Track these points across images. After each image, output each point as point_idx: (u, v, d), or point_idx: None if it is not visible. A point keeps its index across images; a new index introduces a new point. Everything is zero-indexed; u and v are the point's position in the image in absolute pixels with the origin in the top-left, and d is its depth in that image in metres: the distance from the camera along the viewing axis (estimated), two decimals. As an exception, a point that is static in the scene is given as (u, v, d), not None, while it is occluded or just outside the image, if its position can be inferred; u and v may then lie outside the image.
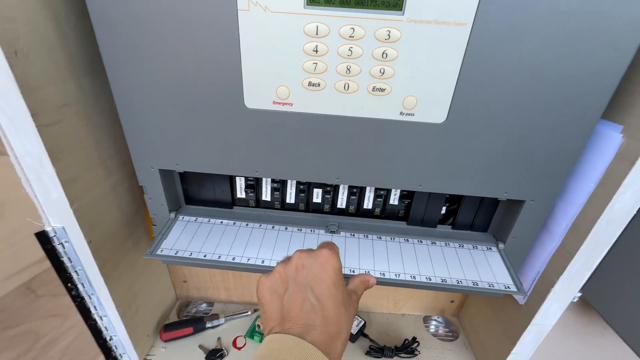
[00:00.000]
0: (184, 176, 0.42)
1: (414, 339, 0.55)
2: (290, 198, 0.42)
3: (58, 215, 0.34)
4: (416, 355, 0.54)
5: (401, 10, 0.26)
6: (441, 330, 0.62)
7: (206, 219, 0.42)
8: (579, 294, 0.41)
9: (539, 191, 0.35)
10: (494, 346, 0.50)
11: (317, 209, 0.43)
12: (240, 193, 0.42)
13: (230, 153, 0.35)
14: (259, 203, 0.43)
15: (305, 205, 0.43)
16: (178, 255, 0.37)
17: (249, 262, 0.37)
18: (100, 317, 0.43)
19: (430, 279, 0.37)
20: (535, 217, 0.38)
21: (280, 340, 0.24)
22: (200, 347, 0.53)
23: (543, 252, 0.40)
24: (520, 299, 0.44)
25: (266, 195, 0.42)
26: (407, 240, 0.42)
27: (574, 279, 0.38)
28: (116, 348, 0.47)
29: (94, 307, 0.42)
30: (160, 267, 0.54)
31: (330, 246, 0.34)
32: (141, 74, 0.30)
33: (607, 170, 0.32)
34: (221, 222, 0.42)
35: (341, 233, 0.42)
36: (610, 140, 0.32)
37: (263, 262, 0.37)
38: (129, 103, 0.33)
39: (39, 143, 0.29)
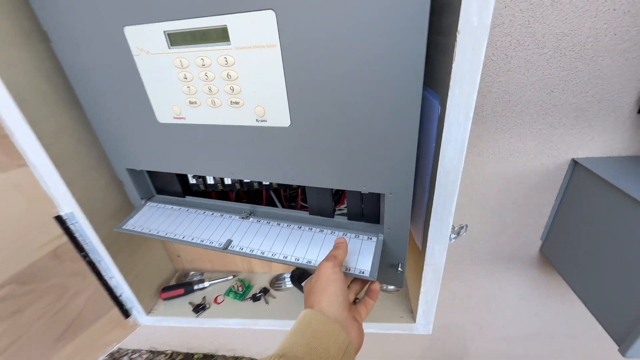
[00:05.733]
0: (151, 173, 0.57)
1: (355, 290, 0.65)
2: (225, 187, 0.54)
3: (67, 205, 0.51)
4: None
5: (229, 41, 0.33)
6: (392, 287, 0.71)
7: (169, 205, 0.56)
8: (454, 236, 0.49)
9: (394, 184, 0.38)
10: (415, 290, 0.59)
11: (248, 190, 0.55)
12: (192, 180, 0.56)
13: (159, 155, 0.48)
14: (207, 187, 0.57)
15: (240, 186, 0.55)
16: (136, 230, 0.51)
17: (193, 240, 0.48)
18: (110, 278, 0.60)
19: (298, 260, 0.43)
20: (400, 210, 0.40)
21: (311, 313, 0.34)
22: (190, 303, 0.69)
23: (422, 204, 0.49)
24: (420, 245, 0.53)
25: (210, 180, 0.56)
26: (300, 228, 0.48)
27: (441, 223, 0.46)
28: (126, 302, 0.65)
29: (103, 270, 0.59)
30: (154, 244, 0.71)
31: (335, 264, 0.38)
32: (103, 109, 0.46)
33: (437, 132, 0.41)
34: (172, 207, 0.55)
35: (259, 220, 0.50)
36: (435, 109, 0.41)
37: (200, 240, 0.48)
38: (102, 128, 0.48)
39: (46, 156, 0.46)
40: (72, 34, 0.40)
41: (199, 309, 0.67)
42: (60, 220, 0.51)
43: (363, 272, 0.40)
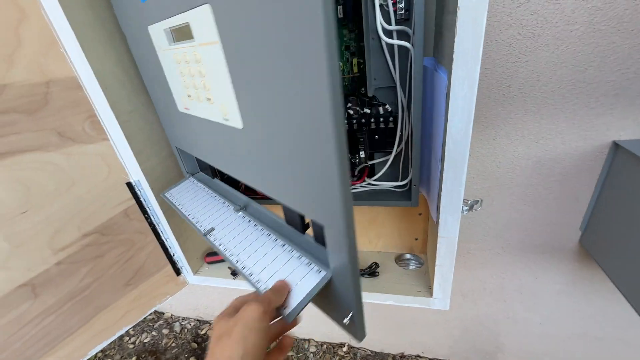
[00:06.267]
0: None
1: (376, 263, 0.69)
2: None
3: (135, 173, 0.63)
4: (376, 275, 0.69)
5: (193, 38, 0.33)
6: (412, 266, 0.74)
7: (199, 183, 0.64)
8: (466, 208, 0.51)
9: (327, 215, 0.31)
10: (432, 265, 0.61)
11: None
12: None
13: (184, 138, 0.56)
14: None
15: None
16: (169, 198, 0.61)
17: (191, 218, 0.55)
18: (166, 239, 0.72)
19: (251, 275, 0.39)
20: (339, 246, 0.31)
21: None
22: (228, 268, 0.79)
23: (436, 178, 0.52)
24: (435, 219, 0.55)
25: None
26: (269, 235, 0.45)
27: (452, 194, 0.48)
28: (178, 262, 0.76)
29: (161, 231, 0.71)
30: (202, 216, 0.82)
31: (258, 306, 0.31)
32: (158, 96, 0.56)
33: (445, 105, 0.44)
34: (199, 185, 0.63)
35: (245, 217, 0.51)
36: (442, 82, 0.44)
37: (195, 221, 0.54)
38: (160, 111, 0.59)
39: (121, 131, 0.57)
40: (135, 34, 0.51)
41: (235, 273, 0.76)
42: (130, 186, 0.64)
43: (284, 309, 0.34)
